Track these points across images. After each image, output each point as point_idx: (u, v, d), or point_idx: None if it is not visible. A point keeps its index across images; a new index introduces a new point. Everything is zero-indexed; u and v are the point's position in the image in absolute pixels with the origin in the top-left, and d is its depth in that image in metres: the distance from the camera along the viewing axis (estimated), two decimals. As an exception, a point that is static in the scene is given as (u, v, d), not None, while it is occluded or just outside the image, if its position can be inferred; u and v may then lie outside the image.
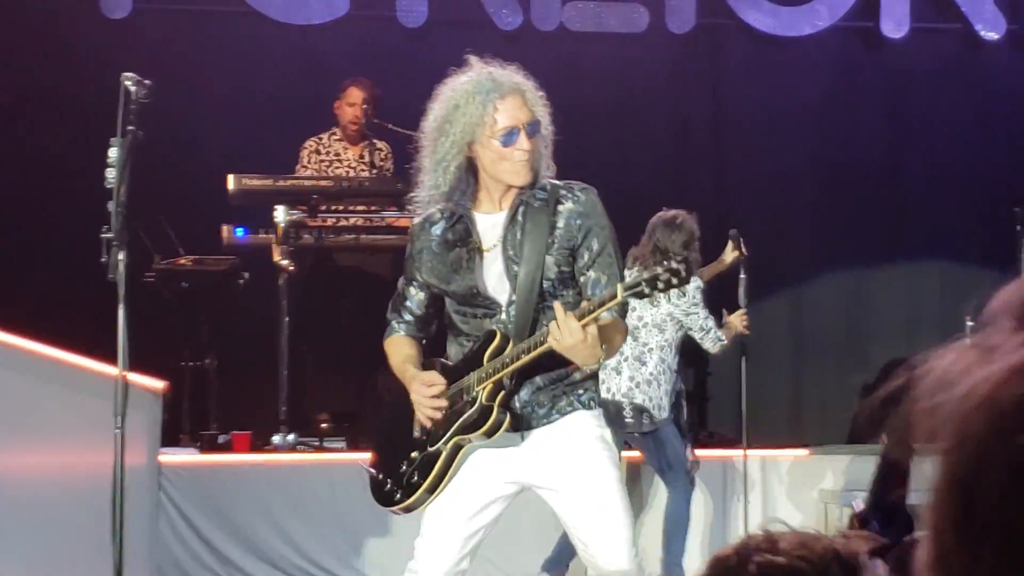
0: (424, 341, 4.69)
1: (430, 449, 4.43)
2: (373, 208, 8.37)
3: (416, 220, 4.64)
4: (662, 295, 5.21)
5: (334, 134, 8.74)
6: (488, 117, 4.34)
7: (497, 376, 4.33)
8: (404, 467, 4.49)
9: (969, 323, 8.56)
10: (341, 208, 8.34)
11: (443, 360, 4.55)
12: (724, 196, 9.87)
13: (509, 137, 4.35)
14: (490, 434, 4.35)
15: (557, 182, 4.51)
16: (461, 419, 4.38)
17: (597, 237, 4.44)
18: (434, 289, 4.56)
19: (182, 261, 8.26)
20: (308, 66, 9.40)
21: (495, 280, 4.44)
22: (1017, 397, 0.58)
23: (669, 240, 7.27)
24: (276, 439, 7.86)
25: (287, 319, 7.91)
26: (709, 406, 9.35)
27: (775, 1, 9.94)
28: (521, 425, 4.41)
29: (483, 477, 4.45)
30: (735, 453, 7.95)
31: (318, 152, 8.69)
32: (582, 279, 4.43)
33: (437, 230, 4.53)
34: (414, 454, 4.47)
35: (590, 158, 9.66)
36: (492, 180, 4.42)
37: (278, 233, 7.85)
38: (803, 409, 9.82)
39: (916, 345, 9.55)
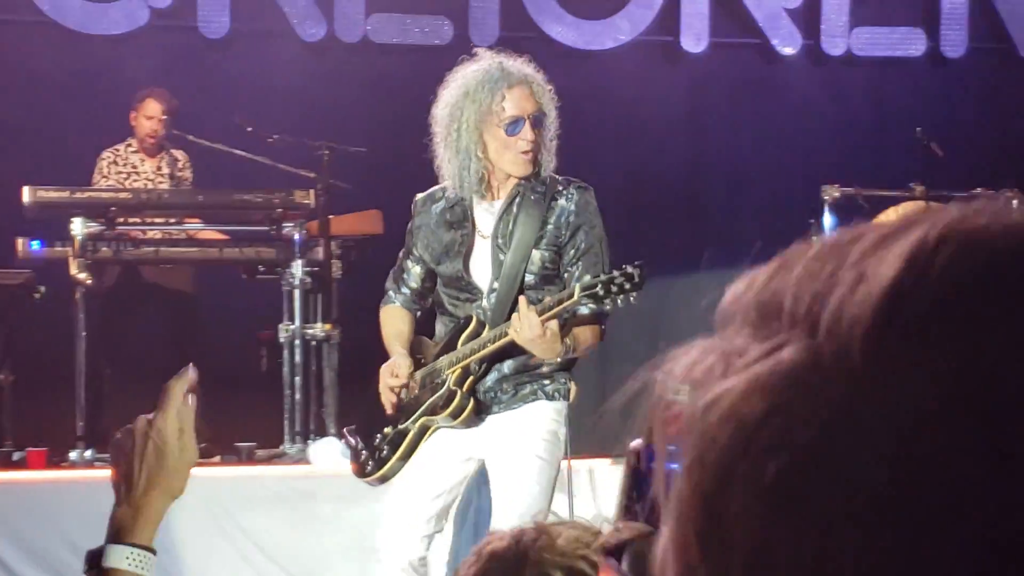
0: (419, 313, 4.81)
1: (400, 426, 4.59)
2: (172, 220, 8.26)
3: (420, 195, 4.77)
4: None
5: (130, 145, 8.60)
6: (496, 106, 4.41)
7: (465, 362, 4.46)
8: (377, 440, 4.64)
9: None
10: (139, 220, 8.21)
11: (426, 339, 4.70)
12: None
13: (514, 127, 4.45)
14: (454, 416, 4.48)
15: (557, 177, 4.57)
16: (429, 401, 4.53)
17: (586, 236, 4.61)
18: (428, 265, 4.69)
19: (-26, 274, 8.04)
20: (107, 76, 9.22)
21: (481, 267, 4.56)
22: (760, 413, 0.57)
23: None
24: (73, 455, 7.70)
25: (84, 333, 7.75)
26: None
27: (577, 15, 10.05)
28: (483, 410, 4.53)
29: (444, 458, 4.57)
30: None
31: (116, 163, 8.53)
32: (566, 275, 4.55)
33: (437, 208, 4.66)
34: (387, 429, 4.63)
35: (396, 169, 9.69)
36: (495, 168, 4.51)
37: (75, 246, 7.68)
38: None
39: None
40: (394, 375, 4.59)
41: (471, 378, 4.51)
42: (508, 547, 1.36)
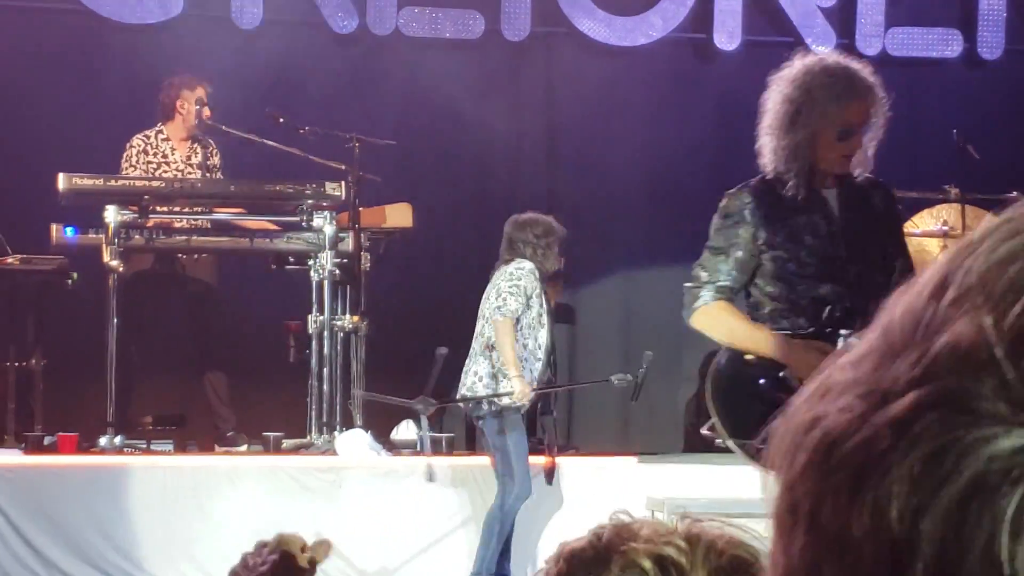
0: None
1: None
2: (203, 210, 8.32)
3: (740, 189, 4.80)
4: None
5: (160, 132, 8.62)
6: (837, 115, 4.57)
7: None
8: None
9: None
10: (171, 209, 8.26)
11: (788, 333, 4.62)
12: (557, 203, 9.93)
13: (846, 133, 4.59)
14: None
15: (869, 176, 4.77)
16: None
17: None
18: (775, 251, 4.66)
19: (9, 260, 8.10)
20: (141, 65, 9.26)
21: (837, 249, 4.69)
22: (824, 445, 0.63)
23: (522, 233, 7.41)
24: (103, 441, 7.76)
25: (115, 320, 7.80)
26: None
27: (610, 11, 10.04)
28: None
29: None
30: (560, 459, 7.96)
31: (146, 152, 8.56)
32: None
33: (783, 195, 4.67)
34: None
35: (425, 162, 9.74)
36: (817, 159, 4.62)
37: (108, 233, 7.73)
38: (632, 415, 9.88)
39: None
40: (826, 351, 4.52)
41: None
42: (588, 544, 1.37)
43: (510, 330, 7.29)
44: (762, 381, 4.59)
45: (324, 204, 8.03)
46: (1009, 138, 9.97)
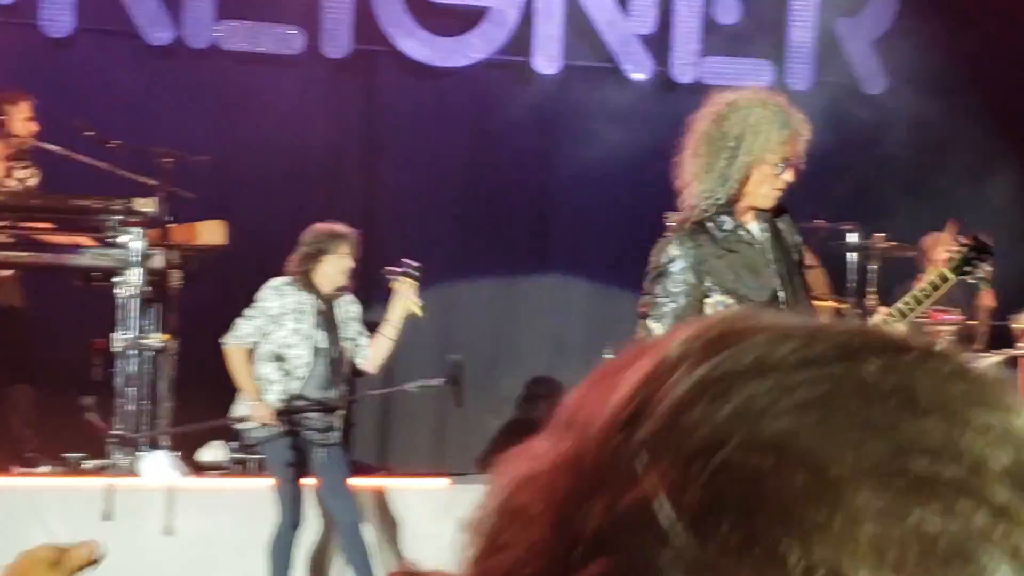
0: None
1: None
2: (8, 224, 8.05)
3: (675, 235, 4.68)
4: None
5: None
6: (778, 147, 4.58)
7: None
8: None
9: (607, 354, 8.88)
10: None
11: None
12: (375, 220, 9.87)
13: (784, 165, 4.61)
14: None
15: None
16: None
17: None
18: (720, 294, 4.63)
19: None
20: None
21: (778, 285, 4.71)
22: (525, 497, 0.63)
23: (297, 247, 7.20)
24: None
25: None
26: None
27: (431, 31, 10.02)
28: None
29: None
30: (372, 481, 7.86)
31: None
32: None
33: (719, 233, 4.63)
34: None
35: (243, 179, 9.57)
36: (748, 194, 4.62)
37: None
38: (448, 432, 9.83)
39: (562, 358, 9.93)
40: None
41: None
42: None
43: (235, 356, 7.13)
44: None
45: (134, 220, 7.82)
46: (814, 167, 10.15)
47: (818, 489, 0.57)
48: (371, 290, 8.02)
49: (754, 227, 4.70)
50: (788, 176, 4.63)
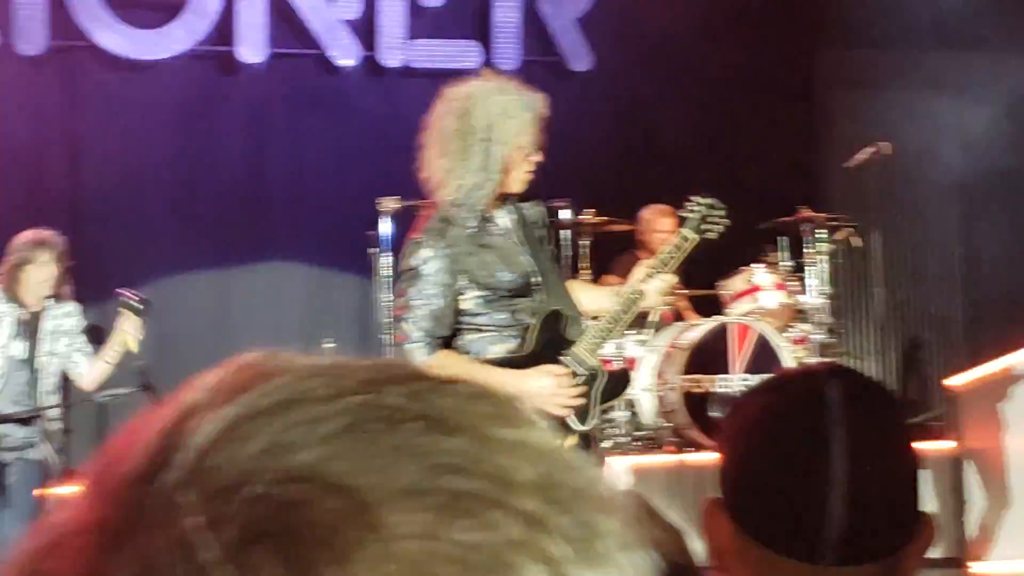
0: None
1: (583, 428, 4.61)
2: None
3: (424, 235, 4.59)
4: None
5: None
6: (527, 132, 4.60)
7: (603, 343, 4.69)
8: None
9: (328, 344, 8.87)
10: None
11: (505, 356, 4.60)
12: (81, 216, 9.62)
13: (533, 149, 4.64)
14: (622, 394, 4.88)
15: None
16: (595, 392, 4.62)
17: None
18: (476, 289, 4.59)
19: None
20: None
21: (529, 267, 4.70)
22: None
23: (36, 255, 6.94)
24: None
25: None
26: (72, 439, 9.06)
27: (130, 24, 9.80)
28: None
29: None
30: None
31: None
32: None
33: (461, 233, 4.57)
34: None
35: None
36: (503, 182, 4.62)
37: None
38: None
39: (284, 346, 9.88)
40: (562, 376, 4.58)
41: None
42: None
43: None
44: None
45: None
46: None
47: (353, 513, 0.58)
48: (90, 297, 7.80)
49: (501, 215, 4.72)
50: (537, 157, 4.68)
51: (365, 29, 10.45)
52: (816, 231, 9.08)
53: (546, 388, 4.52)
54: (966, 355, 12.08)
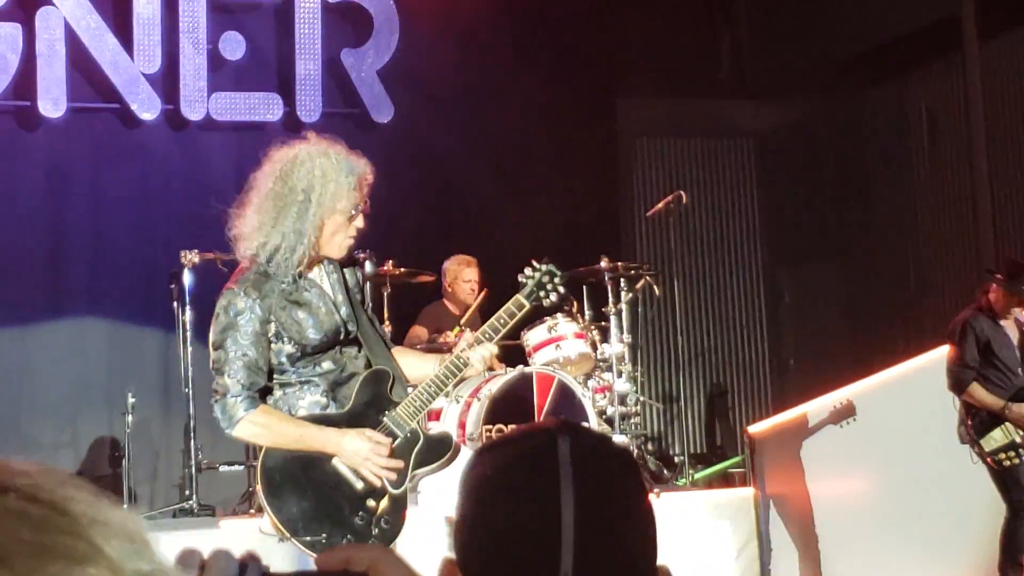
0: None
1: (396, 492, 4.58)
2: None
3: (240, 286, 4.52)
4: None
5: None
6: (348, 195, 4.50)
7: (427, 408, 4.64)
8: (361, 518, 4.56)
9: (131, 399, 8.77)
10: None
11: (323, 413, 4.56)
12: None
13: (355, 215, 4.55)
14: (450, 459, 4.68)
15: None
16: (413, 455, 4.61)
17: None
18: (285, 343, 4.55)
19: None
20: None
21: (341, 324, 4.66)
22: None
23: None
24: None
25: None
26: None
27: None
28: None
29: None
30: None
31: None
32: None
33: (280, 284, 4.54)
34: (371, 503, 4.56)
35: None
36: (318, 245, 4.56)
37: None
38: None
39: (85, 401, 9.75)
40: (379, 442, 4.55)
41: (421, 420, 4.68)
42: None
43: None
44: (314, 473, 4.55)
45: None
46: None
47: None
48: None
49: (317, 274, 4.70)
50: (359, 223, 4.62)
51: (167, 82, 10.38)
52: (617, 280, 9.23)
53: (361, 451, 4.53)
54: (771, 402, 12.37)
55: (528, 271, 4.89)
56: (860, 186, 12.09)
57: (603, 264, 9.14)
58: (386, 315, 8.77)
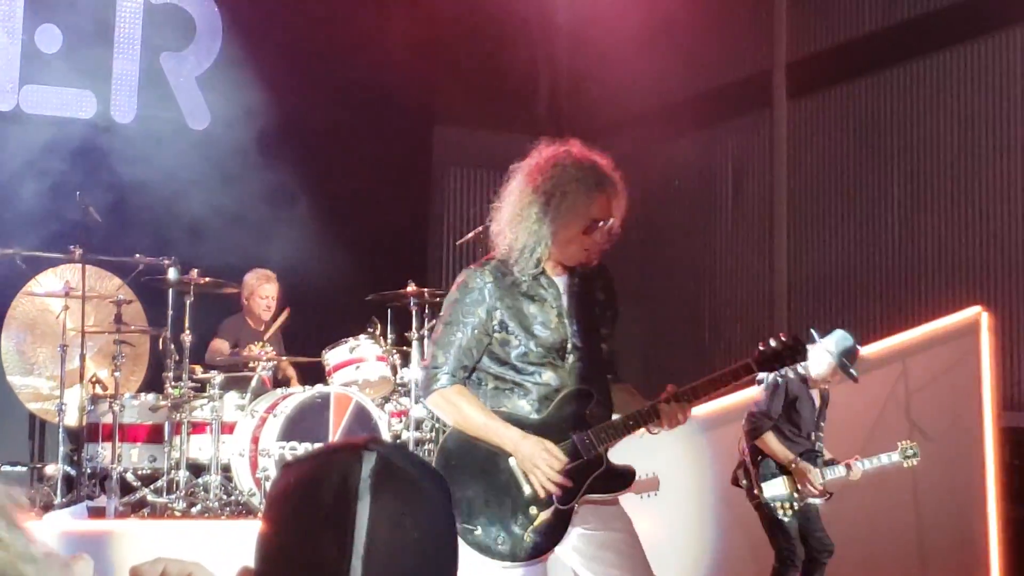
0: None
1: (562, 507, 4.56)
2: None
3: (481, 267, 4.62)
4: None
5: None
6: (585, 208, 4.52)
7: (618, 439, 4.61)
8: (519, 522, 4.55)
9: None
10: None
11: (518, 416, 4.58)
12: None
13: (591, 227, 4.55)
14: (621, 490, 4.65)
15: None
16: (590, 479, 4.59)
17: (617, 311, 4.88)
18: (509, 337, 4.58)
19: None
20: None
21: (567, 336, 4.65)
22: None
23: None
24: None
25: None
26: None
27: None
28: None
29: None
30: None
31: None
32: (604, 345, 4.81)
33: (516, 280, 4.61)
34: (533, 510, 4.55)
35: None
36: (555, 250, 4.60)
37: None
38: None
39: None
40: (556, 457, 4.56)
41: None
42: None
43: None
44: (490, 466, 4.58)
45: None
46: (135, 199, 10.19)
47: None
48: None
49: (560, 280, 4.72)
50: (598, 237, 4.63)
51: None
52: (423, 306, 9.27)
53: (535, 457, 4.59)
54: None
55: (773, 342, 4.80)
56: (663, 230, 12.33)
57: (409, 289, 9.18)
58: (186, 325, 8.66)
